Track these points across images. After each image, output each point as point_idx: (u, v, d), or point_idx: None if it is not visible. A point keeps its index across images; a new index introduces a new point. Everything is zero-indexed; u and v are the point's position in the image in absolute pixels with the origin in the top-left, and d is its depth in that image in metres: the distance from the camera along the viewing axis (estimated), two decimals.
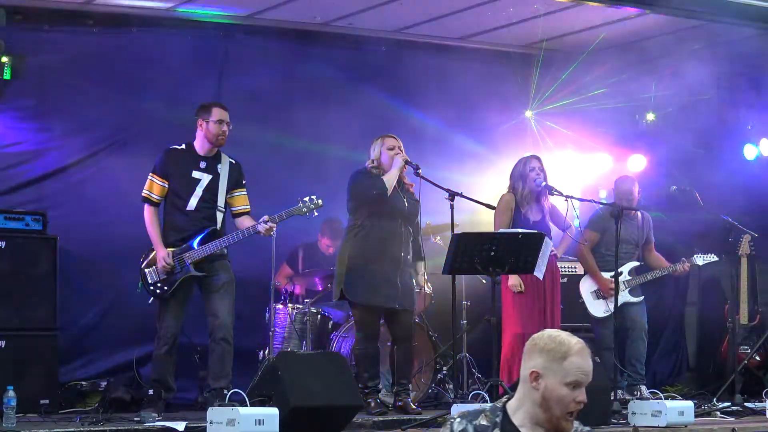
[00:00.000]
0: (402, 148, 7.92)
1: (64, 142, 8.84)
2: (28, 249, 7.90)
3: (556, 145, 10.50)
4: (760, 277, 10.23)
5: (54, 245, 7.98)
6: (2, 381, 7.06)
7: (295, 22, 9.40)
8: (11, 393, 6.77)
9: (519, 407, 3.64)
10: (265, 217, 7.48)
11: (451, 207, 7.79)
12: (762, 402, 8.50)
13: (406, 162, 7.85)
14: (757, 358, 9.74)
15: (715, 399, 8.71)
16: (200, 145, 7.64)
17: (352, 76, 9.72)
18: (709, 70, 10.19)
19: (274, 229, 7.51)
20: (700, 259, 9.44)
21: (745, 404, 8.58)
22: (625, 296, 9.24)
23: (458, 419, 3.66)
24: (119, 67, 8.87)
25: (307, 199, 7.58)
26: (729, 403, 8.54)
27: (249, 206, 7.73)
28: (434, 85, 10.05)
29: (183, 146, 7.65)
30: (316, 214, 7.64)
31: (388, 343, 8.20)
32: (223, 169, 7.66)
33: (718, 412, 8.30)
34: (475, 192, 8.38)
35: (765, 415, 8.18)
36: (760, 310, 10.04)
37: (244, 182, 7.76)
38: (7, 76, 8.32)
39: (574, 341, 3.61)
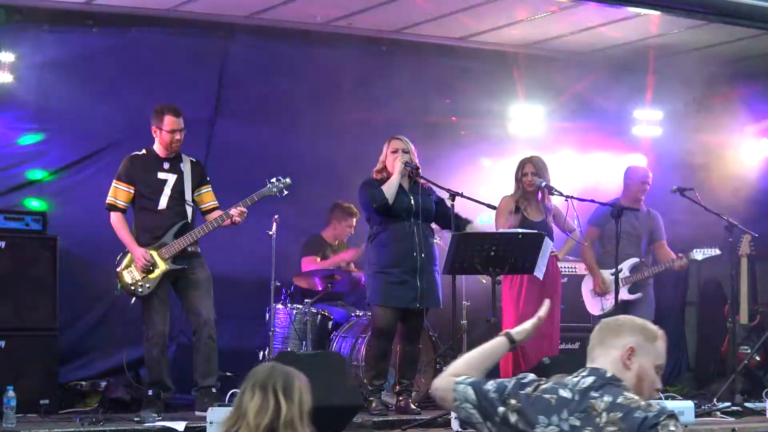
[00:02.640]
0: (408, 150, 7.90)
1: (64, 142, 8.84)
2: (28, 249, 7.91)
3: (556, 145, 10.50)
4: (760, 277, 10.23)
5: (54, 245, 7.99)
6: (2, 381, 7.07)
7: (295, 22, 9.39)
8: (11, 393, 6.78)
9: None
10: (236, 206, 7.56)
11: (452, 207, 7.79)
12: (762, 402, 8.51)
13: (405, 164, 7.85)
14: (757, 358, 9.73)
15: (715, 399, 8.70)
16: (159, 149, 7.70)
17: (352, 76, 9.71)
18: (709, 70, 10.22)
19: (245, 213, 7.58)
20: (699, 254, 9.32)
21: (745, 404, 8.58)
22: (623, 294, 9.22)
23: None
24: (119, 67, 8.86)
25: (274, 179, 7.73)
26: (729, 403, 8.53)
27: (217, 202, 7.77)
28: (434, 85, 10.05)
29: (144, 151, 7.73)
30: (285, 192, 7.74)
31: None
32: (186, 167, 7.74)
33: (718, 412, 8.30)
34: (476, 192, 8.38)
35: (765, 415, 8.18)
36: (760, 310, 10.03)
37: (208, 179, 7.83)
38: (7, 75, 8.33)
39: (656, 326, 3.60)
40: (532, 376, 3.62)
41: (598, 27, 9.66)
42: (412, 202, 7.86)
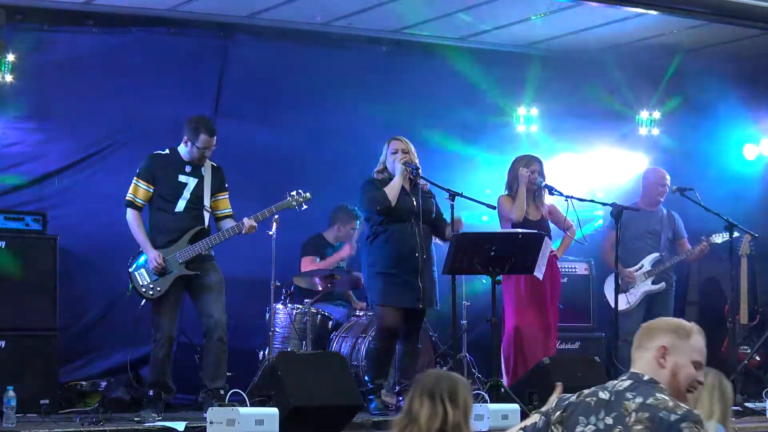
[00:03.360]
0: (408, 150, 7.91)
1: (64, 142, 8.83)
2: (28, 249, 7.90)
3: (556, 145, 10.50)
4: (760, 277, 10.24)
5: (54, 245, 7.98)
6: (2, 381, 7.06)
7: (295, 22, 9.40)
8: (11, 393, 6.78)
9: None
10: (250, 218, 7.54)
11: (452, 207, 7.79)
12: (762, 402, 8.50)
13: (405, 164, 7.85)
14: (757, 358, 9.74)
15: None
16: (184, 153, 7.67)
17: (352, 76, 9.71)
18: (709, 70, 10.22)
19: (255, 228, 7.57)
20: (719, 238, 9.46)
21: (745, 404, 8.58)
22: (647, 286, 9.52)
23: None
24: (119, 67, 8.86)
25: (294, 192, 7.75)
26: None
27: (231, 210, 7.77)
28: (434, 85, 10.05)
29: (167, 151, 7.69)
30: (305, 206, 7.73)
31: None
32: (207, 172, 7.71)
33: None
34: (476, 192, 8.38)
35: (765, 415, 8.18)
36: (760, 310, 10.04)
37: (226, 186, 7.81)
38: (7, 75, 8.33)
39: (691, 323, 3.88)
40: (570, 395, 3.87)
41: (598, 27, 9.67)
42: (414, 203, 7.86)
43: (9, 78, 8.34)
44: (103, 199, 8.36)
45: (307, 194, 7.75)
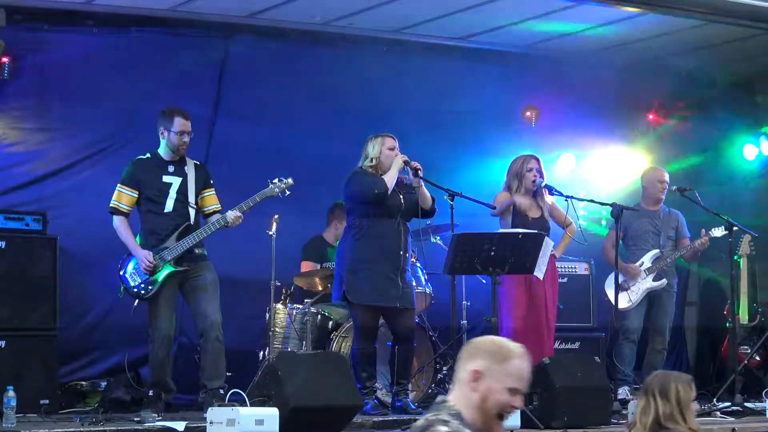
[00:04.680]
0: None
1: (64, 142, 8.84)
2: (28, 249, 7.91)
3: (556, 145, 10.51)
4: (760, 277, 10.24)
5: (54, 245, 7.99)
6: (2, 381, 7.06)
7: (295, 22, 9.40)
8: (11, 393, 6.78)
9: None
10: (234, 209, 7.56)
11: (451, 207, 7.79)
12: (762, 402, 8.50)
13: (406, 163, 7.85)
14: (757, 358, 9.75)
15: (715, 399, 8.71)
16: (164, 152, 7.70)
17: (352, 76, 9.71)
18: (709, 70, 10.22)
19: (241, 218, 7.58)
20: (718, 231, 9.41)
21: (745, 404, 8.59)
22: (647, 282, 9.41)
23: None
24: (119, 67, 8.87)
25: (276, 180, 7.72)
26: (729, 403, 8.54)
27: (219, 205, 7.77)
28: (434, 85, 10.05)
29: (148, 155, 7.71)
30: (288, 193, 7.72)
31: (388, 343, 8.20)
32: (190, 170, 7.73)
33: (718, 412, 8.30)
34: (476, 192, 8.39)
35: (765, 415, 8.18)
36: (760, 310, 10.05)
37: (211, 182, 7.82)
38: (7, 75, 8.33)
39: (516, 345, 3.63)
40: None
41: (598, 27, 9.67)
42: (402, 200, 7.87)
43: (9, 78, 8.34)
44: (103, 199, 8.32)
45: (289, 180, 7.73)
